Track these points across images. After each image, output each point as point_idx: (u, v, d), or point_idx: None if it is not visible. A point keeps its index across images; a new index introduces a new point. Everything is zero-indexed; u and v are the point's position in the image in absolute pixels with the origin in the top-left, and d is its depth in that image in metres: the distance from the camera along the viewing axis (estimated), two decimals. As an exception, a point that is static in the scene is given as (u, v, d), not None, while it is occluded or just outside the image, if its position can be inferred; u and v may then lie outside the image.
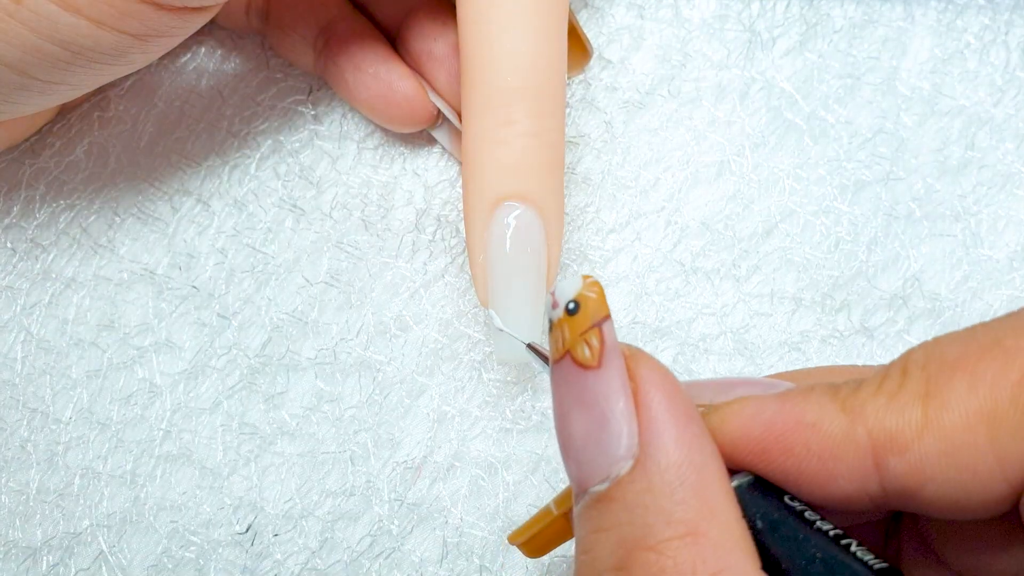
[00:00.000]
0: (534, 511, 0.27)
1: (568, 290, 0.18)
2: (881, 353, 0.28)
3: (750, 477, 0.18)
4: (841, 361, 0.28)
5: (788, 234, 0.29)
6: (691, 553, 0.16)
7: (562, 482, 0.27)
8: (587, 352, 0.18)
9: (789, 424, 0.17)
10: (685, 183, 0.30)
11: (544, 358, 0.21)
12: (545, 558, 0.27)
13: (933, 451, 0.16)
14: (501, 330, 0.25)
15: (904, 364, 0.17)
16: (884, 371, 0.17)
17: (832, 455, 0.17)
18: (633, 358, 0.18)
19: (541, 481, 0.27)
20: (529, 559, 0.27)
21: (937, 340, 0.18)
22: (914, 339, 0.28)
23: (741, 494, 0.17)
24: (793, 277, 0.29)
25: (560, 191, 0.26)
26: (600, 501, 0.17)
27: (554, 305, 0.18)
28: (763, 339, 0.28)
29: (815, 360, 0.28)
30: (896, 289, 0.28)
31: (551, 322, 0.18)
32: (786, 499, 0.18)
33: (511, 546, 0.27)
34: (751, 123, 0.30)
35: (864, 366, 0.20)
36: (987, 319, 0.27)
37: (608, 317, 0.18)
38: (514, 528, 0.27)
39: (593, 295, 0.18)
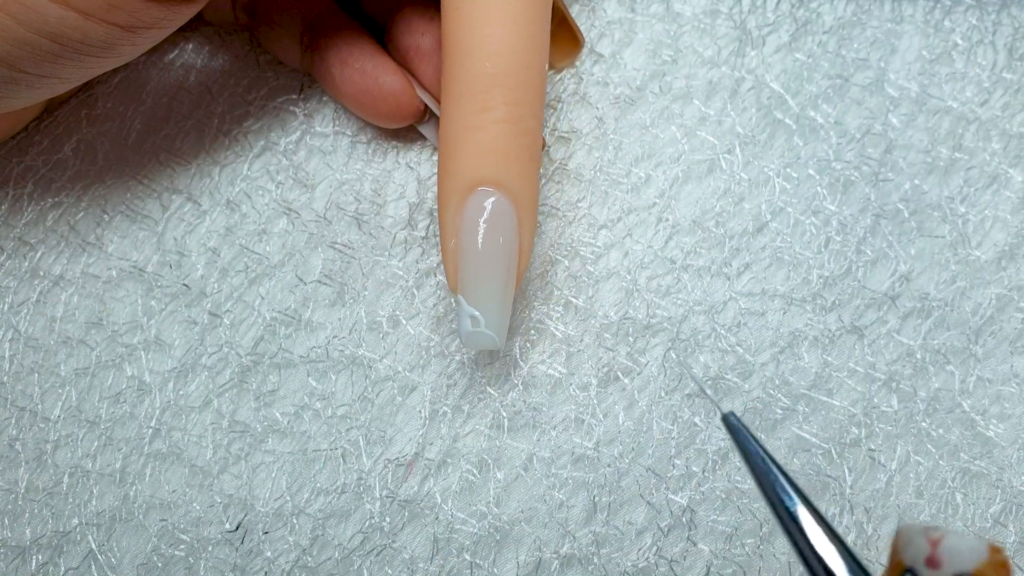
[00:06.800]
0: (525, 508, 0.27)
1: (966, 556, 0.14)
2: (872, 353, 0.28)
3: None
4: (833, 360, 0.28)
5: (778, 232, 0.29)
6: None
7: (560, 478, 0.27)
8: None
9: None
10: (676, 180, 0.30)
11: None
12: (538, 557, 0.27)
13: None
14: (470, 316, 0.25)
15: None
16: None
17: None
18: None
19: (532, 478, 0.28)
20: (520, 555, 0.27)
21: None
22: (904, 339, 0.28)
23: None
24: (783, 275, 0.29)
25: (535, 179, 0.25)
26: None
27: (934, 565, 0.14)
28: (754, 338, 0.28)
29: (806, 359, 0.28)
30: (886, 288, 0.29)
31: None
32: None
33: (502, 543, 0.27)
34: (741, 121, 0.30)
35: None
36: (976, 318, 0.28)
37: None
38: (504, 524, 0.27)
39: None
